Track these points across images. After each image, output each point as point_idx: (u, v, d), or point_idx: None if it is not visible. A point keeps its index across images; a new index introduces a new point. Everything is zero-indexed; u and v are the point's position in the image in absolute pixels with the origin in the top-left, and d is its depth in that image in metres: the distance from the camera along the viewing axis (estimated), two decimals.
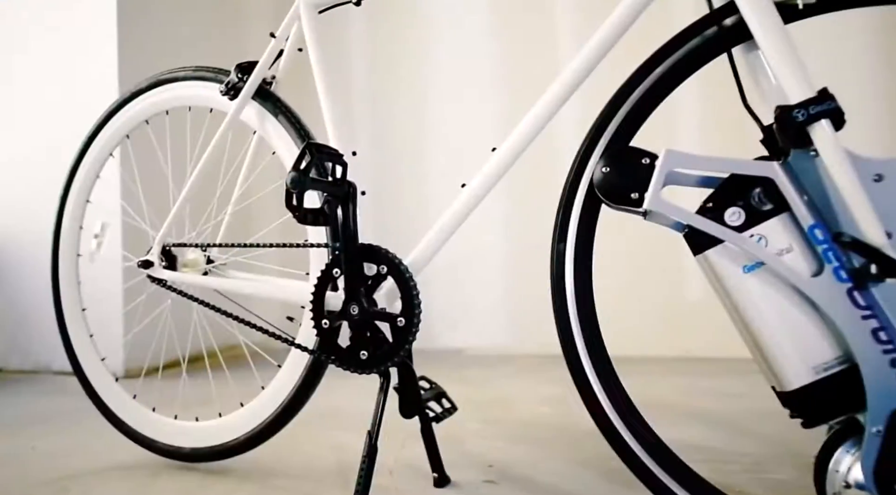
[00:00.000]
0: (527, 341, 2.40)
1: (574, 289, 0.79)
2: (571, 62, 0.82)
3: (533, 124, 0.85)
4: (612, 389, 0.78)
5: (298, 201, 0.81)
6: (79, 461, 1.21)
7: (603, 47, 0.81)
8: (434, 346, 2.58)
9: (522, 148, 0.86)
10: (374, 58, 2.74)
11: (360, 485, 0.90)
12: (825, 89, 0.68)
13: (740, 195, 0.70)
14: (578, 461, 1.13)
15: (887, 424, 0.63)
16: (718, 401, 1.57)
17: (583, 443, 1.22)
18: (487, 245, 2.51)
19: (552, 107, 0.84)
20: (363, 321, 0.90)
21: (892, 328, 0.64)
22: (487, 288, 2.54)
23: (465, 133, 2.49)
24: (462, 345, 2.55)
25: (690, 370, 1.99)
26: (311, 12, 1.02)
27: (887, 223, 0.65)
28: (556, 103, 0.83)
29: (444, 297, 2.60)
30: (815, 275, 0.66)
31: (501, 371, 2.11)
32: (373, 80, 2.73)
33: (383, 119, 2.71)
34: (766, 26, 0.69)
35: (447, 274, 2.58)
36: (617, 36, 0.80)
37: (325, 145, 0.87)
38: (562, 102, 0.84)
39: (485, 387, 1.84)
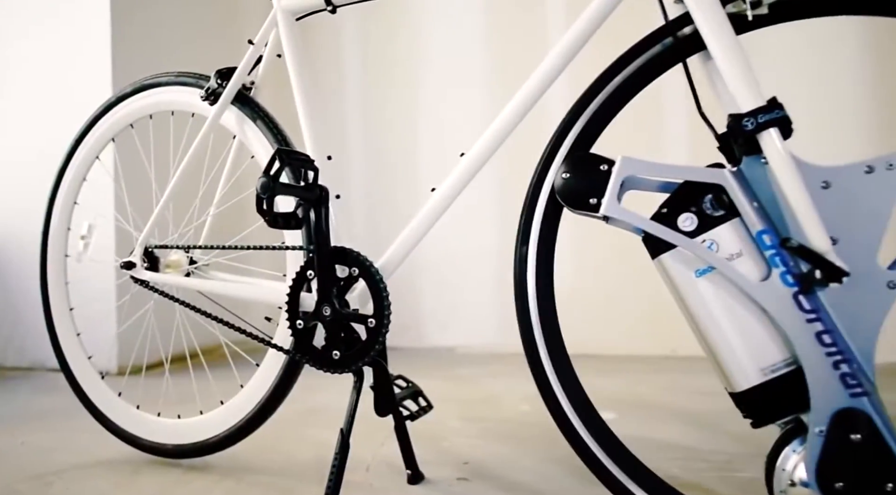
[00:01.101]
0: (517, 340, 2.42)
1: (536, 291, 0.81)
2: (536, 70, 0.84)
3: (500, 130, 0.87)
4: (571, 388, 0.80)
5: (268, 206, 0.84)
6: (65, 456, 1.24)
7: (567, 55, 0.83)
8: (426, 345, 2.61)
9: (490, 153, 0.88)
10: (367, 60, 2.76)
11: (332, 482, 0.92)
12: (774, 98, 0.69)
13: (693, 201, 0.72)
14: (552, 459, 1.15)
15: (829, 425, 0.65)
16: (699, 400, 1.59)
17: (559, 441, 1.23)
18: (479, 245, 2.53)
19: (518, 113, 0.86)
20: (335, 322, 0.93)
21: (835, 331, 0.66)
22: (479, 287, 2.56)
23: (457, 134, 2.51)
24: (454, 343, 2.58)
25: (675, 368, 2.01)
26: (289, 19, 1.04)
27: (834, 229, 0.67)
28: (521, 110, 0.85)
29: (436, 297, 2.62)
30: (763, 280, 0.68)
31: (490, 369, 2.13)
32: (365, 82, 2.75)
33: (376, 121, 2.73)
34: (719, 37, 0.71)
35: (439, 273, 2.61)
36: (580, 44, 0.82)
37: (295, 151, 0.89)
38: (527, 109, 0.85)
39: (471, 385, 1.86)
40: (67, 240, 1.30)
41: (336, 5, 1.00)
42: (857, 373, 0.65)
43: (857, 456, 0.64)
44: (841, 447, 0.64)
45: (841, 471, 0.64)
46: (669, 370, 2.01)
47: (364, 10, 2.68)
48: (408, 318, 2.65)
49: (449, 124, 2.57)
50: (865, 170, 0.67)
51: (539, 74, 0.84)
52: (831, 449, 0.65)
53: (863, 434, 0.64)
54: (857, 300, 0.66)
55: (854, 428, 0.64)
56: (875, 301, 0.66)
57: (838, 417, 0.65)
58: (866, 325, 0.66)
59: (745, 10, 0.72)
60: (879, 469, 0.63)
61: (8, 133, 2.32)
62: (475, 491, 1.01)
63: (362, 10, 2.68)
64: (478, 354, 2.43)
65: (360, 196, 2.75)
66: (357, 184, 2.76)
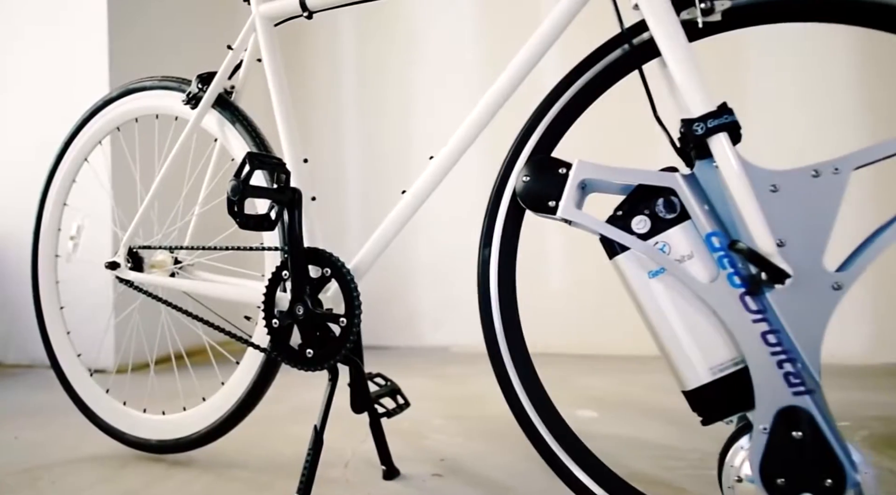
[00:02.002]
0: None
1: (498, 293, 0.83)
2: (501, 76, 0.86)
3: (467, 134, 0.89)
4: (531, 386, 0.82)
5: (239, 208, 0.86)
6: (55, 451, 1.27)
7: (531, 60, 0.85)
8: (421, 344, 2.64)
9: (458, 155, 0.91)
10: (362, 61, 2.78)
11: (305, 476, 0.95)
12: (724, 104, 0.71)
13: (646, 204, 0.74)
14: (528, 457, 1.17)
15: (773, 423, 0.67)
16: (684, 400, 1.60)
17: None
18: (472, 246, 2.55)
19: (484, 118, 0.88)
20: (308, 321, 0.95)
21: (781, 331, 0.68)
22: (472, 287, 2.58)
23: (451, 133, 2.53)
24: (448, 343, 2.60)
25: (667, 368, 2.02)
26: (267, 24, 1.07)
27: (782, 231, 0.69)
28: (487, 115, 0.88)
29: (431, 296, 2.65)
30: (712, 281, 0.70)
31: (480, 368, 2.15)
32: (361, 82, 2.78)
33: (370, 121, 2.76)
34: (672, 43, 0.72)
35: (433, 274, 2.63)
36: (544, 49, 0.84)
37: (266, 154, 0.91)
38: (492, 114, 0.88)
39: (459, 384, 1.88)
40: (58, 240, 1.33)
41: (312, 11, 1.03)
42: (801, 372, 0.67)
43: (798, 452, 0.65)
44: (783, 444, 0.66)
45: (783, 468, 0.66)
46: (661, 370, 2.01)
47: (359, 11, 2.71)
48: (403, 318, 2.67)
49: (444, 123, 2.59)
50: (812, 174, 0.69)
51: (503, 81, 0.86)
52: (774, 446, 0.66)
53: (804, 431, 0.65)
54: (803, 301, 0.68)
55: (796, 425, 0.66)
56: (820, 302, 0.68)
57: (781, 415, 0.66)
58: (812, 325, 0.68)
59: (697, 18, 0.74)
60: (819, 465, 0.65)
61: (8, 133, 2.37)
62: (447, 487, 1.04)
63: (357, 11, 2.71)
64: (471, 353, 2.45)
65: (356, 196, 2.77)
66: (352, 185, 2.78)
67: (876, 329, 2.09)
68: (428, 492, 1.02)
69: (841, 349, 2.11)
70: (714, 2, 0.73)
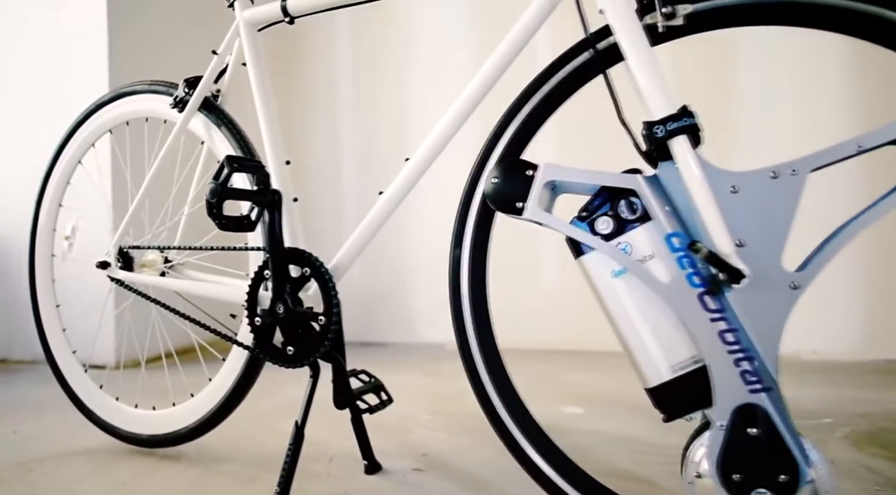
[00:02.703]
0: (505, 336, 2.45)
1: (469, 292, 0.85)
2: (472, 81, 0.88)
3: (440, 137, 0.91)
4: (501, 384, 0.84)
5: (218, 210, 0.88)
6: (51, 445, 1.31)
7: (502, 64, 0.86)
8: (417, 341, 2.66)
9: (433, 157, 0.93)
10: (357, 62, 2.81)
11: (285, 471, 0.97)
12: (685, 107, 0.72)
13: (610, 206, 0.75)
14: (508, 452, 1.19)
15: (730, 420, 0.68)
16: None
17: None
18: None
19: (456, 121, 0.90)
20: (288, 319, 0.97)
21: (739, 330, 0.69)
22: None
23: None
24: (444, 340, 2.62)
25: None
26: (251, 29, 1.09)
27: (741, 232, 0.70)
28: (459, 118, 0.90)
29: (427, 295, 2.67)
30: (672, 281, 0.71)
31: None
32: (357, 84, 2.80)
33: (366, 123, 2.78)
34: (635, 48, 0.74)
35: (429, 272, 2.65)
36: (516, 52, 0.86)
37: (244, 157, 0.94)
38: (465, 117, 0.90)
39: (449, 381, 1.90)
40: (53, 240, 1.36)
41: (294, 16, 1.05)
42: (758, 371, 0.68)
43: (754, 449, 0.67)
44: (740, 441, 0.67)
45: (739, 464, 0.67)
46: None
47: (354, 13, 2.73)
48: (399, 316, 2.70)
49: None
50: (771, 175, 0.70)
51: (474, 85, 0.88)
52: (731, 442, 0.68)
53: (760, 428, 0.67)
54: (762, 300, 0.69)
55: (752, 422, 0.67)
56: (778, 301, 0.69)
57: (738, 412, 0.68)
58: (770, 324, 0.69)
59: (660, 22, 0.75)
60: (774, 461, 0.66)
61: (10, 133, 2.41)
62: (427, 482, 1.06)
63: (352, 13, 2.72)
64: None
65: (352, 197, 2.80)
66: (348, 185, 2.81)
67: (867, 326, 2.09)
68: (408, 486, 1.04)
69: (832, 346, 2.12)
70: (676, 6, 0.74)
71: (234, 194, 0.89)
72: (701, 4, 0.75)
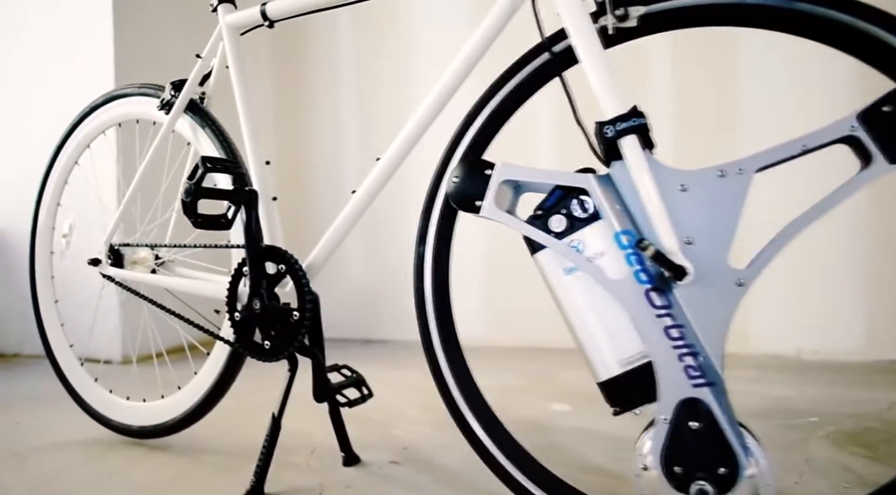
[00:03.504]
0: (504, 334, 2.47)
1: (432, 288, 0.88)
2: (439, 80, 0.90)
3: (408, 138, 0.93)
4: (462, 378, 0.86)
5: (193, 208, 0.92)
6: (49, 435, 1.36)
7: (468, 64, 0.89)
8: (413, 338, 2.68)
9: (402, 157, 0.95)
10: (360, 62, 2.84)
11: (261, 461, 1.00)
12: (635, 107, 0.74)
13: (563, 204, 0.77)
14: None
15: (674, 414, 0.70)
16: None
17: None
18: (469, 242, 2.59)
19: (425, 122, 0.92)
20: (264, 314, 1.01)
21: (684, 326, 0.70)
22: (468, 285, 2.62)
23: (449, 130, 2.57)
24: None
25: None
26: (233, 34, 1.12)
27: (689, 230, 0.72)
28: (427, 118, 0.92)
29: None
30: (620, 278, 0.73)
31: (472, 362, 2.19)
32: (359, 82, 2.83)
33: (368, 122, 2.81)
34: (588, 50, 0.76)
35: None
36: (481, 52, 0.88)
37: (219, 158, 0.97)
38: (433, 117, 0.92)
39: None
40: (52, 238, 1.42)
41: (273, 20, 1.08)
42: (702, 366, 0.69)
43: (695, 442, 0.68)
44: (682, 434, 0.69)
45: (681, 457, 0.69)
46: None
47: (356, 12, 2.76)
48: (400, 314, 2.73)
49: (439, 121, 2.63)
50: (718, 174, 0.71)
51: (439, 88, 0.90)
52: (674, 435, 0.69)
53: (701, 422, 0.68)
54: (708, 296, 0.70)
55: (694, 416, 0.68)
56: (724, 298, 0.70)
57: (681, 406, 0.69)
58: (716, 320, 0.70)
59: (615, 24, 0.76)
60: (714, 454, 0.67)
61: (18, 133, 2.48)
62: (400, 473, 1.08)
63: (354, 12, 2.76)
64: (469, 347, 2.49)
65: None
66: (350, 185, 2.84)
67: (870, 327, 2.06)
68: (381, 478, 1.06)
69: (835, 346, 2.10)
70: (629, 8, 0.76)
71: (208, 193, 0.93)
72: (653, 6, 0.76)
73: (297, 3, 1.03)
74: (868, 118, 0.65)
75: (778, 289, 2.19)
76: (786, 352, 2.16)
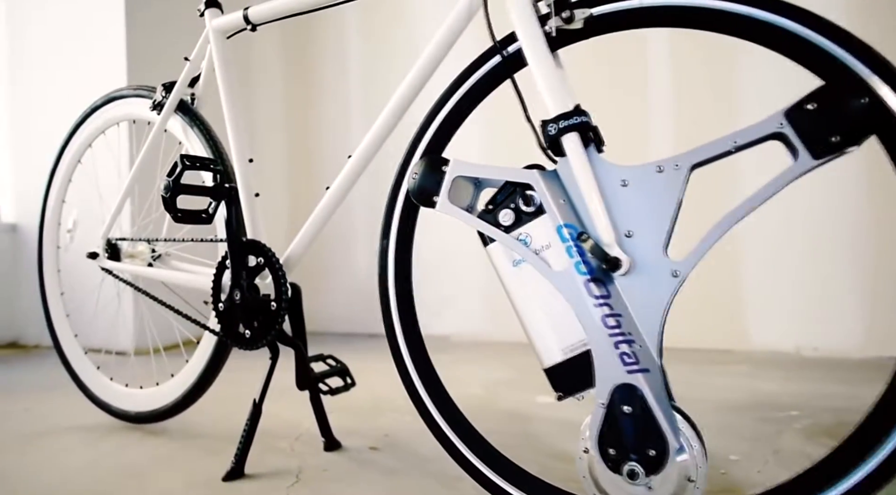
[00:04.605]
0: (505, 329, 2.51)
1: (395, 280, 0.92)
2: (404, 79, 0.95)
3: (376, 137, 0.98)
4: (422, 366, 0.90)
5: (172, 203, 0.97)
6: (55, 420, 1.44)
7: (429, 67, 0.93)
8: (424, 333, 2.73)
9: (372, 154, 1.00)
10: (367, 60, 2.89)
11: (241, 443, 1.06)
12: (577, 106, 0.77)
13: (512, 199, 0.81)
14: None
15: (609, 399, 0.73)
16: None
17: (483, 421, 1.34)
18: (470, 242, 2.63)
19: (393, 119, 0.97)
20: (243, 305, 1.06)
21: (622, 315, 0.73)
22: (469, 281, 2.66)
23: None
24: (449, 332, 2.69)
25: None
26: (220, 37, 1.18)
27: (629, 223, 0.75)
28: (395, 116, 0.97)
29: (433, 290, 2.74)
30: (562, 269, 0.76)
31: (468, 356, 2.23)
32: (366, 80, 2.89)
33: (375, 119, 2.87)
34: (534, 51, 0.79)
35: (435, 268, 2.72)
36: (443, 53, 0.92)
37: (198, 157, 1.02)
38: (400, 115, 0.97)
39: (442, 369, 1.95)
40: (58, 233, 1.49)
41: (255, 24, 1.13)
42: (637, 353, 0.72)
43: (628, 425, 0.71)
44: (616, 418, 0.72)
45: (614, 439, 0.72)
46: None
47: (362, 9, 2.81)
48: None
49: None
50: (656, 169, 0.74)
51: (407, 83, 0.94)
52: (609, 419, 0.73)
53: (633, 406, 0.71)
54: (645, 287, 0.73)
55: (628, 401, 0.72)
56: (660, 288, 0.73)
57: (616, 391, 0.72)
58: (653, 309, 0.73)
59: (561, 26, 0.80)
60: (645, 437, 0.70)
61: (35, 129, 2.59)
62: (377, 459, 1.13)
63: (361, 9, 2.81)
64: (469, 342, 2.54)
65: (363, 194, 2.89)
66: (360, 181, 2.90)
67: (870, 323, 2.05)
68: (359, 462, 1.11)
69: (834, 343, 2.09)
70: (575, 11, 0.79)
71: (187, 190, 0.98)
72: (598, 8, 0.79)
73: (277, 8, 1.08)
74: (793, 115, 0.67)
75: (779, 286, 2.18)
76: (785, 349, 2.16)
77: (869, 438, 0.66)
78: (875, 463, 0.66)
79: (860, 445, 0.66)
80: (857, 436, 0.67)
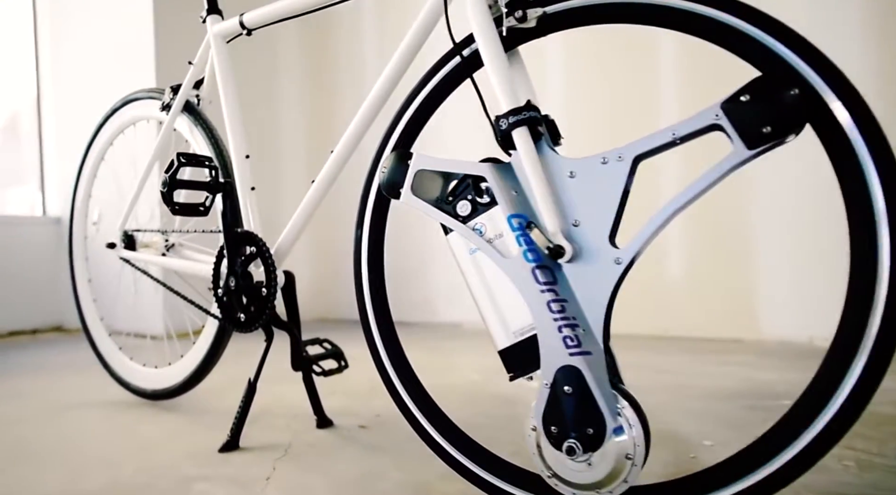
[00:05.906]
0: None
1: (368, 269, 0.98)
2: (380, 76, 1.00)
3: (355, 132, 1.04)
4: (393, 352, 0.96)
5: (170, 197, 1.06)
6: (80, 397, 1.56)
7: (403, 64, 0.98)
8: (437, 320, 2.80)
9: (352, 149, 1.06)
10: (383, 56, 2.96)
11: (237, 419, 1.15)
12: (528, 102, 0.81)
13: (468, 191, 0.85)
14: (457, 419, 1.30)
15: (552, 379, 0.77)
16: (648, 377, 1.66)
17: (474, 405, 1.40)
18: None
19: (370, 114, 1.02)
20: (238, 290, 1.14)
21: (567, 301, 0.77)
22: None
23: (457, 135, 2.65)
24: (461, 320, 2.75)
25: (655, 347, 2.06)
26: (220, 42, 1.26)
27: (577, 213, 0.78)
28: (372, 113, 1.02)
29: (446, 278, 2.80)
30: (512, 257, 0.81)
31: (474, 343, 2.29)
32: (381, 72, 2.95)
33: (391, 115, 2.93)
34: (487, 50, 0.83)
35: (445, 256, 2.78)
36: (415, 50, 0.97)
37: (194, 154, 1.10)
38: (377, 111, 1.02)
39: (443, 356, 2.03)
40: (86, 225, 1.62)
41: (250, 29, 1.20)
42: (580, 336, 0.76)
43: (569, 405, 0.75)
44: (558, 397, 0.76)
45: (556, 418, 0.76)
46: (647, 348, 2.06)
47: (379, 12, 2.87)
48: (421, 298, 2.85)
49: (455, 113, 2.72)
50: (601, 161, 0.77)
51: (379, 85, 1.00)
52: (552, 399, 0.77)
53: (573, 387, 0.75)
54: (589, 274, 0.77)
55: (569, 382, 0.76)
56: (604, 275, 0.76)
57: (559, 373, 0.76)
58: (597, 295, 0.76)
59: (515, 26, 0.84)
60: (584, 416, 0.74)
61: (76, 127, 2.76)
62: (364, 437, 1.20)
63: (378, 12, 2.87)
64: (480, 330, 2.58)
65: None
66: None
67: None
68: (346, 439, 1.18)
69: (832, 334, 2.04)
70: (528, 10, 0.83)
71: (183, 185, 1.06)
72: (550, 7, 0.82)
73: (269, 13, 1.15)
74: (728, 107, 0.70)
75: (792, 276, 2.15)
76: (798, 339, 2.13)
77: (799, 422, 0.69)
78: (803, 446, 0.68)
79: (790, 428, 0.69)
80: (788, 420, 0.69)
